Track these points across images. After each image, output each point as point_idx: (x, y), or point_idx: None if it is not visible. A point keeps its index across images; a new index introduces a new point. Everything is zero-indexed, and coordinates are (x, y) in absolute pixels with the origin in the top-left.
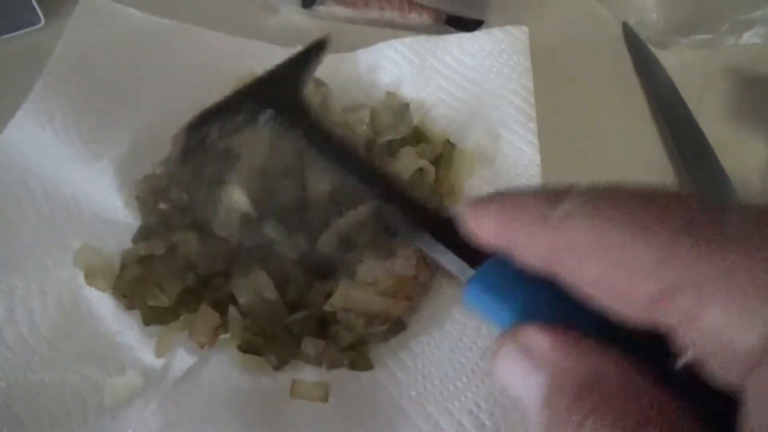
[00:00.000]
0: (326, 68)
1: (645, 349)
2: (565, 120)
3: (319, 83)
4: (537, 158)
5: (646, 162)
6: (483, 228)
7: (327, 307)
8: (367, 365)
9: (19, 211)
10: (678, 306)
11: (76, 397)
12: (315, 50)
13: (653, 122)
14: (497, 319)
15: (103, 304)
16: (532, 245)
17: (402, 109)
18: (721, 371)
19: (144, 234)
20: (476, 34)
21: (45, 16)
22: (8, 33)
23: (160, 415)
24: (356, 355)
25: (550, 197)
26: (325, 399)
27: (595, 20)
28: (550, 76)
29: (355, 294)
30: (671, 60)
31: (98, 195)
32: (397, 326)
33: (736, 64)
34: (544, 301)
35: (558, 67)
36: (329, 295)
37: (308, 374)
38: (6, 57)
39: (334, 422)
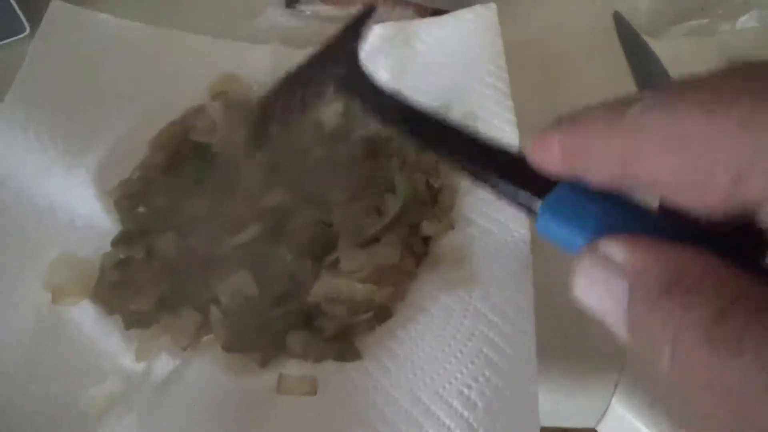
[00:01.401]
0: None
1: (728, 250)
2: (555, 111)
3: None
4: (516, 135)
5: None
6: (551, 153)
7: (310, 298)
8: (354, 355)
9: None
10: (762, 178)
11: (56, 407)
12: (364, 18)
13: None
14: (572, 244)
15: (82, 311)
16: (605, 156)
17: None
18: None
19: (123, 239)
20: (445, 17)
21: (30, 24)
22: None
23: (141, 425)
24: (343, 345)
25: (618, 104)
26: (314, 392)
27: (586, 9)
28: (541, 67)
29: (338, 283)
30: (664, 49)
31: (75, 202)
32: (383, 314)
33: (731, 50)
34: (617, 219)
35: (548, 57)
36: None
37: (295, 369)
38: None
39: (325, 416)
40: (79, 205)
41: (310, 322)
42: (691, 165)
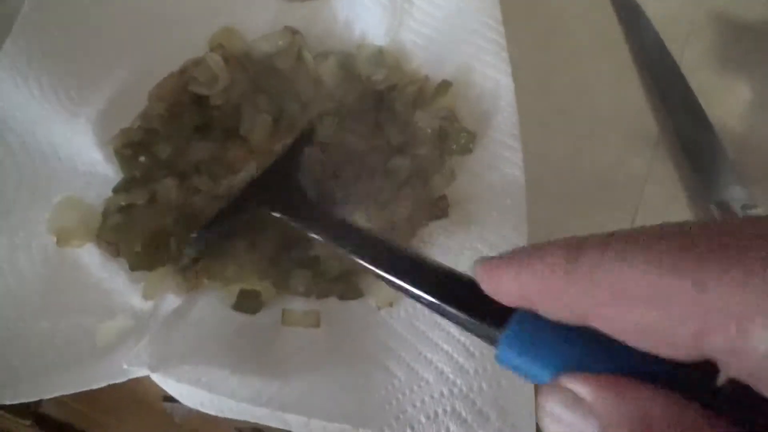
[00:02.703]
0: (301, 17)
1: (689, 377)
2: (549, 72)
3: (294, 32)
4: (511, 85)
5: (630, 111)
6: (503, 290)
7: (314, 252)
8: (356, 293)
9: None
10: (723, 336)
11: (69, 342)
12: (301, 142)
13: (637, 72)
14: (536, 377)
15: (88, 253)
16: (560, 301)
17: (376, 54)
18: None
19: (125, 186)
20: None
21: None
22: None
23: (151, 349)
24: (345, 285)
25: (569, 250)
26: (317, 324)
27: None
28: (534, 29)
29: None
30: (656, 9)
31: (77, 150)
32: None
33: (719, 11)
34: (580, 350)
35: (542, 19)
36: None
37: (299, 306)
38: None
39: (328, 347)
40: (82, 153)
41: (313, 266)
42: (650, 320)
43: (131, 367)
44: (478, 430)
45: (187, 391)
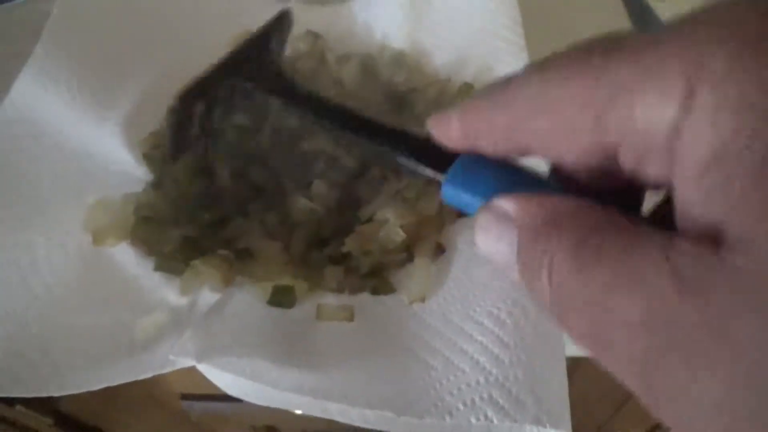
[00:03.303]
0: (322, 21)
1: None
2: None
3: (316, 36)
4: None
5: None
6: (448, 132)
7: (345, 248)
8: (388, 289)
9: (34, 166)
10: (614, 115)
11: (109, 337)
12: (279, 22)
13: None
14: (471, 208)
15: (122, 251)
16: (493, 128)
17: (397, 56)
18: (658, 175)
19: (155, 186)
20: None
21: None
22: (8, 2)
23: (195, 340)
24: (377, 280)
25: (505, 79)
26: (351, 318)
27: None
28: (546, 28)
29: (372, 231)
30: (668, 10)
31: (108, 151)
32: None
33: None
34: (508, 183)
35: (554, 18)
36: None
37: (332, 300)
38: (8, 24)
39: (362, 340)
40: (112, 154)
41: (345, 262)
42: (559, 121)
43: (177, 357)
44: (515, 416)
45: (232, 381)
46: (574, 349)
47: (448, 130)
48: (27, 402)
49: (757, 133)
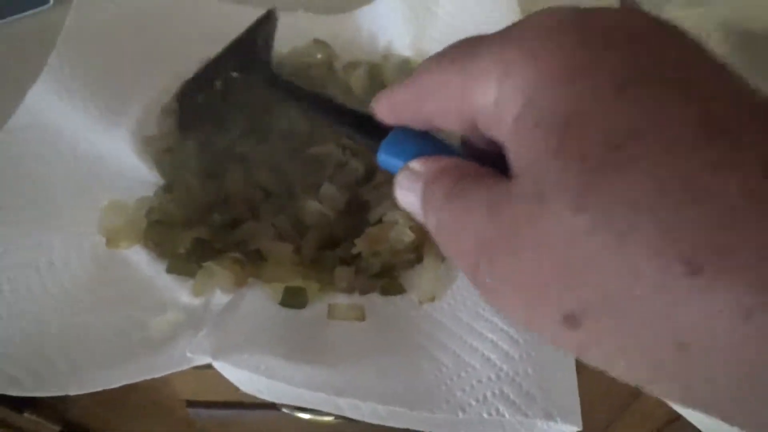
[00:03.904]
0: (328, 31)
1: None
2: None
3: (323, 44)
4: None
5: None
6: (380, 109)
7: (355, 250)
8: (398, 289)
9: (49, 170)
10: (468, 98)
11: (123, 335)
12: (264, 21)
13: None
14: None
15: (136, 252)
16: (405, 108)
17: (402, 64)
18: (495, 137)
19: (167, 189)
20: None
21: None
22: (19, 13)
23: (213, 337)
24: (388, 281)
25: (413, 73)
26: (363, 318)
27: None
28: None
29: (381, 232)
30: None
31: (120, 156)
32: (421, 256)
33: (728, 20)
34: (425, 150)
35: None
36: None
37: (343, 300)
38: (18, 36)
39: (373, 338)
40: (124, 159)
41: (355, 263)
42: (439, 102)
43: (194, 355)
44: (526, 411)
45: (247, 377)
46: None
47: (380, 107)
48: (35, 409)
49: (532, 107)
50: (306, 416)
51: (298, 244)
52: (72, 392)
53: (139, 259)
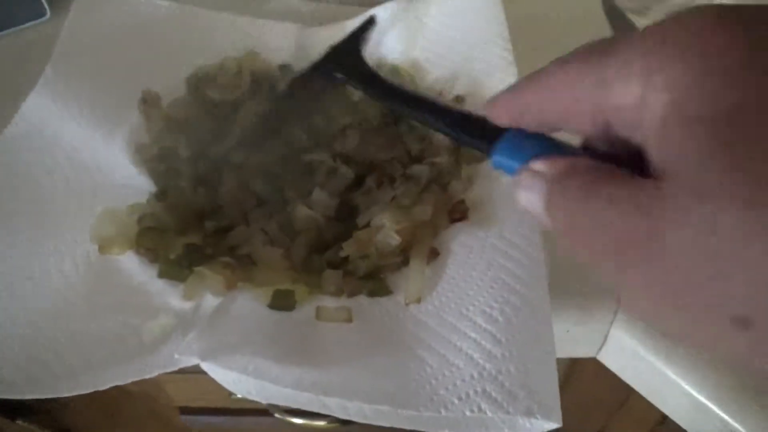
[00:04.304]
0: (320, 42)
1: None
2: None
3: None
4: None
5: None
6: (497, 111)
7: (343, 253)
8: (385, 291)
9: (44, 178)
10: (603, 98)
11: (117, 339)
12: (366, 26)
13: None
14: (514, 171)
15: (128, 258)
16: (528, 108)
17: (392, 72)
18: (633, 137)
19: (159, 196)
20: None
21: (50, 8)
22: (16, 26)
23: (201, 339)
24: (374, 283)
25: (536, 72)
26: (350, 320)
27: None
28: (533, 48)
29: (368, 236)
30: (646, 24)
31: (115, 164)
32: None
33: None
34: (544, 151)
35: (540, 38)
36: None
37: (331, 303)
38: (16, 48)
39: (360, 339)
40: (119, 167)
41: (343, 266)
42: (568, 103)
43: (182, 356)
44: (508, 408)
45: (235, 378)
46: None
47: (497, 109)
48: (28, 416)
49: (685, 105)
50: (299, 421)
51: (289, 249)
52: (63, 394)
53: (132, 265)
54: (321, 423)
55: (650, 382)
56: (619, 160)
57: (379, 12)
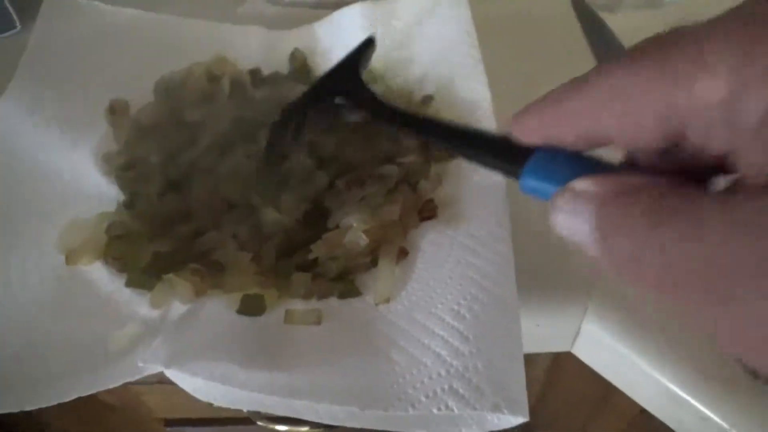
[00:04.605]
0: (288, 45)
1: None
2: (522, 84)
3: (304, 56)
4: (488, 95)
5: None
6: (527, 127)
7: (312, 255)
8: (355, 292)
9: (10, 190)
10: (680, 99)
11: (84, 351)
12: (365, 47)
13: None
14: (549, 194)
15: (96, 269)
16: (569, 121)
17: (365, 74)
18: (715, 143)
19: (127, 204)
20: None
21: (21, 21)
22: None
23: (167, 346)
24: (344, 284)
25: (576, 79)
26: (319, 321)
27: None
28: (506, 43)
29: (337, 237)
30: (619, 22)
31: (81, 174)
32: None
33: (680, 20)
34: (581, 171)
35: (512, 34)
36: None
37: (300, 306)
38: None
39: (330, 341)
40: (85, 176)
41: (312, 269)
42: (631, 106)
43: (146, 364)
44: (475, 405)
45: (201, 385)
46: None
47: (526, 125)
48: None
49: None
50: (283, 428)
51: (258, 253)
52: (25, 408)
53: (100, 275)
54: (304, 429)
55: (626, 374)
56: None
57: (345, 13)
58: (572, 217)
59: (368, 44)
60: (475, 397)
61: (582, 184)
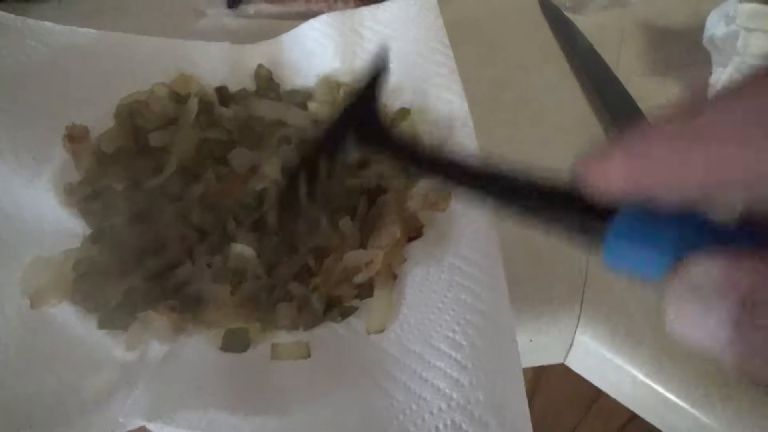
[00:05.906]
0: (254, 59)
1: None
2: (494, 87)
3: (270, 72)
4: (465, 105)
5: (574, 118)
6: (611, 176)
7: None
8: (350, 310)
9: None
10: None
11: (56, 401)
12: (378, 73)
13: (576, 80)
14: (648, 267)
15: (64, 310)
16: (684, 168)
17: (334, 88)
18: None
19: (93, 239)
20: (387, 3)
21: None
22: None
23: (146, 397)
24: (340, 308)
25: (681, 115)
26: (308, 355)
27: None
28: (476, 48)
29: (338, 269)
30: (586, 22)
31: (42, 209)
32: (365, 291)
33: (645, 19)
34: (695, 237)
35: (482, 38)
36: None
37: (287, 338)
38: None
39: (322, 375)
40: (47, 212)
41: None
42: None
43: (127, 419)
44: None
45: None
46: (527, 361)
47: (608, 175)
48: None
49: None
50: None
51: (237, 285)
52: None
53: (69, 316)
54: None
55: (619, 384)
56: None
57: (313, 25)
58: (699, 317)
59: (381, 68)
60: (479, 430)
61: (709, 266)
